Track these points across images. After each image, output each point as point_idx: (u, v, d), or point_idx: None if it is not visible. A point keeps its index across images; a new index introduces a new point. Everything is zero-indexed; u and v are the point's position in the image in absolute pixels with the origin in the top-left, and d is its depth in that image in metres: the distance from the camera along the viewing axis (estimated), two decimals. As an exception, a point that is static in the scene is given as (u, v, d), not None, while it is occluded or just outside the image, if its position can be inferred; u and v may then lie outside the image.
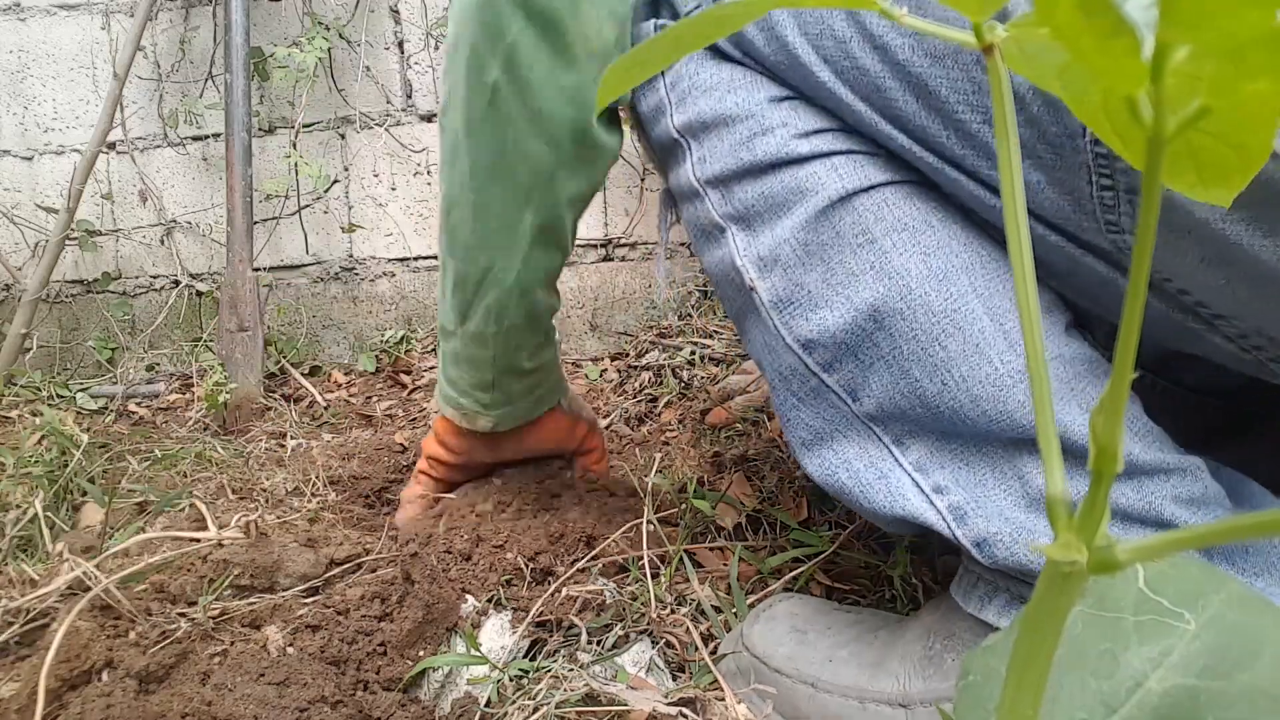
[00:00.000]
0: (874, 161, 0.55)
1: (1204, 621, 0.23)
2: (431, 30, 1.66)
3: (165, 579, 0.65)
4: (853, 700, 0.60)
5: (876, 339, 0.55)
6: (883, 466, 0.57)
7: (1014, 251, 0.18)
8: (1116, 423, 0.16)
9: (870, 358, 0.55)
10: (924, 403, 0.54)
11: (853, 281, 0.55)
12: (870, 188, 0.55)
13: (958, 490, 0.55)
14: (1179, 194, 0.46)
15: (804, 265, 0.56)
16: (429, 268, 1.75)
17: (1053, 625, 0.18)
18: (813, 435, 0.60)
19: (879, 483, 0.57)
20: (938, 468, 0.55)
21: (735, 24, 0.18)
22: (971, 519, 0.54)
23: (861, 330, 0.55)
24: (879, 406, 0.56)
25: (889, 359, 0.55)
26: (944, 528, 0.55)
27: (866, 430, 0.58)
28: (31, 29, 1.74)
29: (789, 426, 0.62)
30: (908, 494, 0.56)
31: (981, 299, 0.53)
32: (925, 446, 0.56)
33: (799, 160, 0.56)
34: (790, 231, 0.56)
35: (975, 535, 0.54)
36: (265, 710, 0.53)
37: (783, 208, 0.56)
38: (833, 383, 0.58)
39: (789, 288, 0.57)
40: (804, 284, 0.56)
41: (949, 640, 0.58)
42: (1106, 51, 0.13)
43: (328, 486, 1.03)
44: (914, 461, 0.56)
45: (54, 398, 1.55)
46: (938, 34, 0.18)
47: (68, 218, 1.55)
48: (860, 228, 0.54)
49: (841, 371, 0.57)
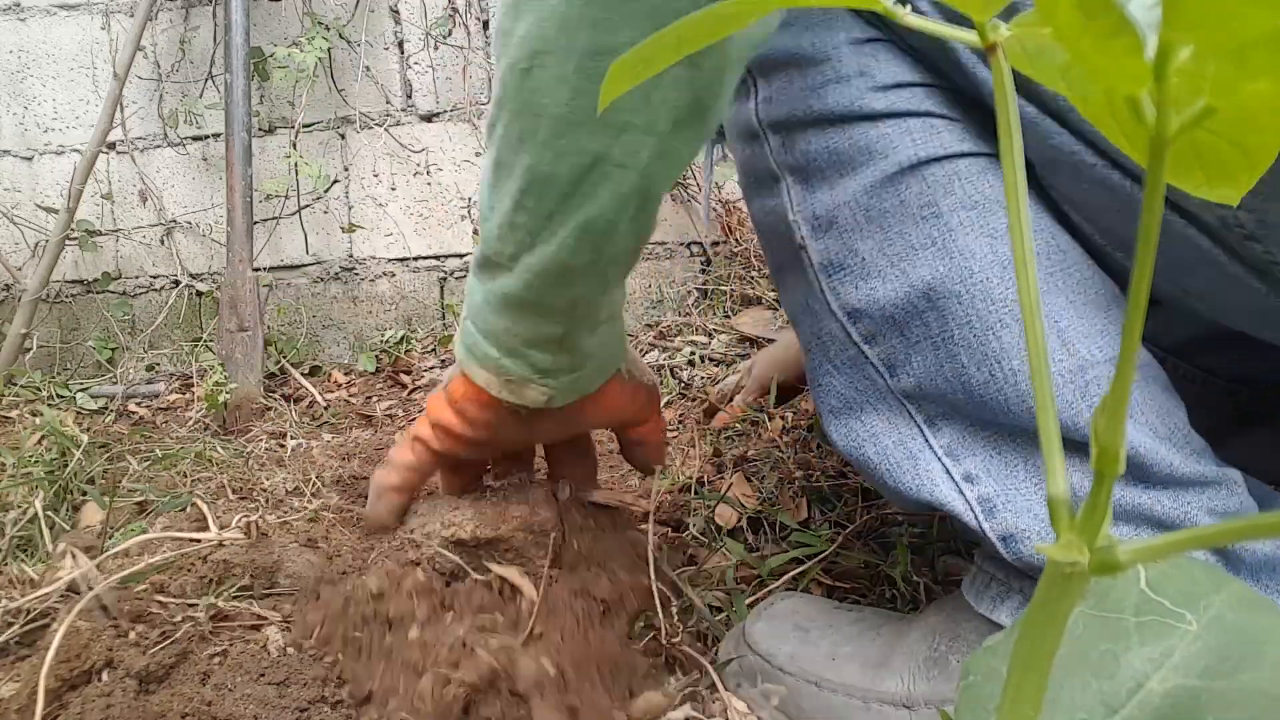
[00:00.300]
0: (952, 129, 0.52)
1: (1205, 622, 0.23)
2: (431, 30, 1.66)
3: (165, 579, 0.65)
4: (857, 700, 0.59)
5: (927, 319, 0.52)
6: (912, 446, 0.55)
7: (1016, 251, 0.18)
8: (1118, 423, 0.16)
9: (917, 336, 0.53)
10: (967, 390, 0.52)
11: (911, 255, 0.52)
12: (943, 158, 0.52)
13: (989, 481, 0.53)
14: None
15: (861, 231, 0.53)
16: (429, 268, 1.75)
17: (1054, 626, 0.18)
18: (842, 404, 0.58)
19: (907, 463, 0.55)
20: (970, 455, 0.53)
21: (738, 23, 0.18)
22: (1001, 512, 0.52)
23: (913, 307, 0.52)
24: (917, 386, 0.54)
25: (937, 341, 0.52)
26: (970, 518, 0.53)
27: (899, 407, 0.55)
28: (31, 29, 1.74)
29: (819, 392, 0.59)
30: (936, 480, 0.54)
31: (1044, 293, 0.51)
32: (958, 431, 0.54)
33: (872, 117, 0.52)
34: (852, 194, 0.53)
35: (1003, 529, 0.52)
36: (265, 710, 0.53)
37: (847, 167, 0.53)
38: (872, 355, 0.55)
39: (842, 252, 0.54)
40: (858, 250, 0.54)
41: (954, 642, 0.58)
42: (1107, 52, 0.13)
43: (328, 486, 1.03)
44: (945, 446, 0.54)
45: (54, 398, 1.55)
46: (941, 33, 0.18)
47: (68, 218, 1.55)
48: (927, 199, 0.52)
49: (883, 345, 0.55)
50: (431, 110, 1.70)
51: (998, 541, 0.52)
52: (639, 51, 0.19)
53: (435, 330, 1.73)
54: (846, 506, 0.87)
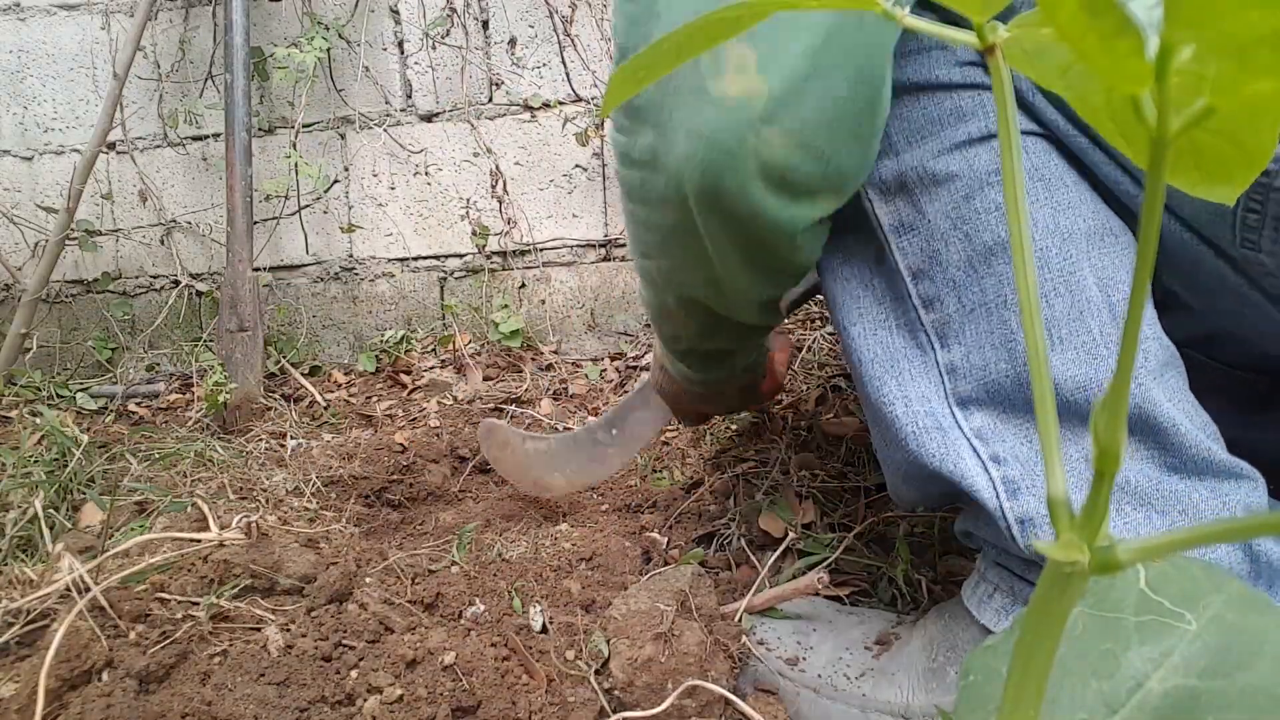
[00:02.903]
0: (1024, 113, 0.54)
1: (1205, 622, 0.23)
2: (430, 30, 1.66)
3: (165, 579, 0.65)
4: (855, 709, 0.59)
5: (985, 284, 0.53)
6: (943, 420, 0.55)
7: (1015, 248, 0.18)
8: (1119, 423, 0.16)
9: (973, 303, 0.54)
10: (1012, 357, 0.53)
11: (975, 219, 0.53)
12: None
13: (1015, 465, 0.53)
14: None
15: (929, 195, 0.54)
16: (429, 268, 1.75)
17: (1054, 625, 0.18)
18: (887, 354, 0.58)
19: (935, 432, 0.55)
20: (999, 440, 0.54)
21: (741, 26, 0.18)
22: (1024, 495, 0.52)
23: (974, 272, 0.53)
24: (965, 357, 0.55)
25: (991, 306, 0.53)
26: (990, 496, 0.53)
27: (938, 382, 0.56)
28: (31, 29, 1.74)
29: (864, 342, 0.59)
30: (962, 453, 0.54)
31: (1094, 269, 0.52)
32: (991, 417, 0.54)
33: (948, 87, 0.53)
34: (920, 160, 0.54)
35: (1022, 512, 0.52)
36: (265, 710, 0.53)
37: (920, 134, 0.54)
38: (928, 321, 0.56)
39: (912, 215, 0.55)
40: (926, 214, 0.54)
41: (951, 653, 0.58)
42: (1110, 51, 0.13)
43: (328, 486, 1.03)
44: (976, 429, 0.54)
45: (54, 398, 1.55)
46: (939, 34, 0.18)
47: (67, 218, 1.55)
48: (995, 166, 0.53)
49: (941, 310, 0.55)
50: (431, 110, 1.70)
51: (1014, 524, 0.52)
52: (639, 60, 0.19)
53: (435, 330, 1.73)
54: (848, 507, 0.87)
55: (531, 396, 1.43)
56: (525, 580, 0.78)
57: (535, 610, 0.72)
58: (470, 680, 0.61)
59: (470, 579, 0.77)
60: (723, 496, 0.94)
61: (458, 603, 0.73)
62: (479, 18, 1.66)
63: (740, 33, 0.18)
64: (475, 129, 1.68)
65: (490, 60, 1.66)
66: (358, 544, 0.84)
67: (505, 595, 0.75)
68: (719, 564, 0.84)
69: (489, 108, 1.67)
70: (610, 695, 0.61)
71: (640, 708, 0.59)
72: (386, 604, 0.68)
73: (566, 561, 0.84)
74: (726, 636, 0.64)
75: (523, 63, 1.65)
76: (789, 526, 0.83)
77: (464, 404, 1.42)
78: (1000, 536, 0.53)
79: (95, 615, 0.60)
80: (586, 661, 0.63)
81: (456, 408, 1.40)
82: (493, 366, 1.59)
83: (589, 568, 0.83)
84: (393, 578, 0.76)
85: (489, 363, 1.60)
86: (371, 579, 0.73)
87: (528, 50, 1.65)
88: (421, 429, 1.30)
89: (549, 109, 1.65)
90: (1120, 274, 0.53)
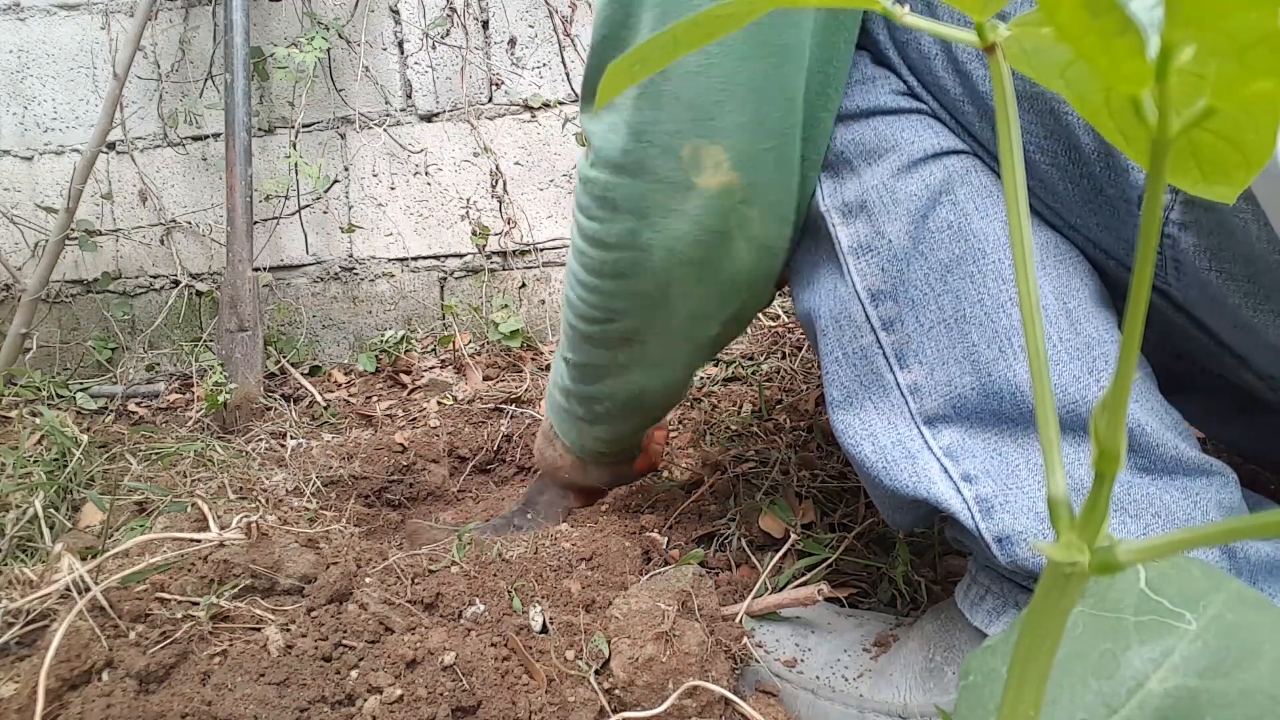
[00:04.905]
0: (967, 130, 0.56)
1: (1205, 622, 0.23)
2: (429, 30, 1.66)
3: (165, 579, 0.65)
4: (852, 709, 0.59)
5: (942, 301, 0.54)
6: (910, 446, 0.56)
7: (1015, 248, 0.18)
8: (1119, 424, 0.16)
9: (932, 320, 0.55)
10: (975, 369, 0.53)
11: (929, 238, 0.54)
12: (961, 151, 0.55)
13: (987, 481, 0.53)
14: (1212, 280, 0.48)
15: (889, 214, 0.56)
16: (429, 268, 1.75)
17: (1054, 626, 0.18)
18: (845, 396, 0.59)
19: (904, 461, 0.56)
20: (969, 456, 0.54)
21: (736, 23, 0.18)
22: (998, 513, 0.52)
23: (931, 289, 0.55)
24: (928, 375, 0.55)
25: (950, 322, 0.54)
26: (967, 517, 0.53)
27: (901, 404, 0.56)
28: (31, 29, 1.74)
29: (827, 380, 0.61)
30: (934, 477, 0.54)
31: (1050, 279, 0.53)
32: (958, 433, 0.55)
33: (896, 111, 0.56)
34: (880, 178, 0.56)
35: (999, 530, 0.52)
36: (265, 710, 0.53)
37: (874, 155, 0.56)
38: (886, 343, 0.57)
39: (871, 235, 0.57)
40: (885, 233, 0.56)
41: (949, 653, 0.58)
42: (1111, 51, 0.13)
43: (328, 486, 1.03)
44: (945, 447, 0.55)
45: (54, 398, 1.54)
46: (939, 33, 0.18)
47: (67, 218, 1.55)
48: (946, 185, 0.54)
49: (900, 331, 0.56)
50: (431, 110, 1.70)
51: (993, 543, 0.52)
52: (635, 54, 0.19)
53: (435, 330, 1.73)
54: (848, 507, 0.87)
55: (531, 396, 1.43)
56: (525, 580, 0.78)
57: (535, 610, 0.72)
58: (470, 680, 0.61)
59: (470, 579, 0.77)
60: (723, 496, 0.94)
61: (458, 603, 0.73)
62: (479, 18, 1.66)
63: (737, 29, 0.18)
64: (475, 129, 1.68)
65: (490, 60, 1.66)
66: (358, 544, 0.84)
67: (505, 595, 0.75)
68: (719, 564, 0.84)
69: (489, 108, 1.67)
70: (610, 695, 0.61)
71: (641, 708, 0.59)
72: (386, 604, 0.68)
73: (566, 561, 0.83)
74: (728, 637, 0.64)
75: (523, 63, 1.65)
76: (789, 527, 0.83)
77: (464, 404, 1.42)
78: (982, 553, 0.54)
79: (95, 615, 0.60)
80: (587, 661, 0.63)
81: (456, 408, 1.40)
82: (493, 366, 1.59)
83: (589, 568, 0.83)
84: (393, 578, 0.76)
85: (489, 363, 1.60)
86: (371, 579, 0.73)
87: (528, 50, 1.65)
88: (421, 429, 1.30)
89: (549, 109, 1.65)
90: (1074, 282, 0.54)
